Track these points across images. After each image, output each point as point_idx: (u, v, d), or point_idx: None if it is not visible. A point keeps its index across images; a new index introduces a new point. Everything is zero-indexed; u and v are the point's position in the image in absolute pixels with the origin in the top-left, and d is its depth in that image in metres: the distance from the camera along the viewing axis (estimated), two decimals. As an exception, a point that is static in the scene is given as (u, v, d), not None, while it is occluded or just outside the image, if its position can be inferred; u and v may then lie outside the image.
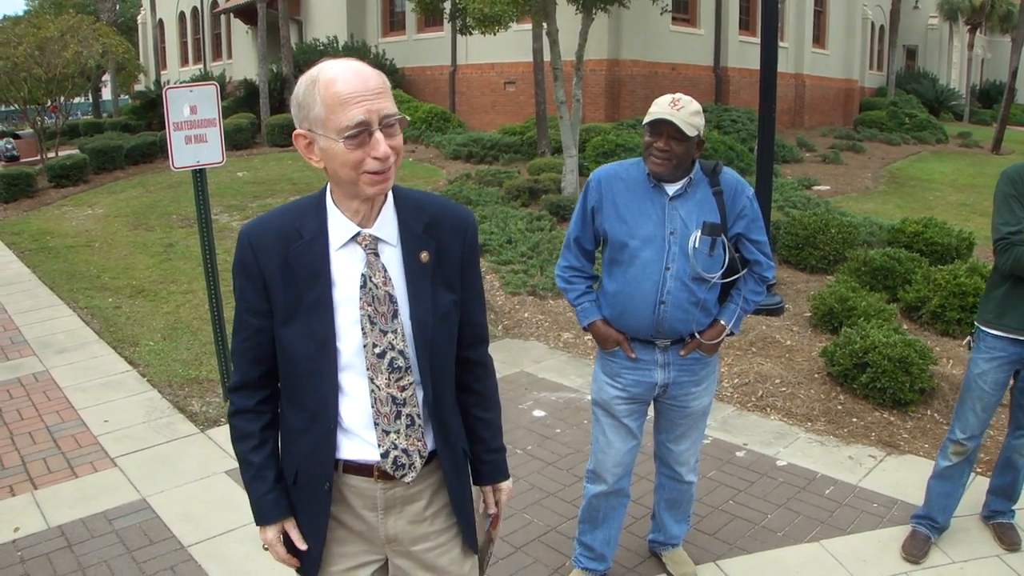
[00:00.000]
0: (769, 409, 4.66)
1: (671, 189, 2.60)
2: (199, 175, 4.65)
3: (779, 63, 6.46)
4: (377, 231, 1.61)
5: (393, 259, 1.62)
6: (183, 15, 29.38)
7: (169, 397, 4.92)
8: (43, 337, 6.07)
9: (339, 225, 1.59)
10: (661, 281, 2.58)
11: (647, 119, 2.52)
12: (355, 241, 1.59)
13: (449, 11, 11.60)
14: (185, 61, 29.43)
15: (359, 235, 1.59)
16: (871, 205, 11.21)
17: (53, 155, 14.18)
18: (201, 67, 26.72)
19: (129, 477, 3.92)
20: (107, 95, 28.63)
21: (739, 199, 2.63)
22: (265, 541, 1.71)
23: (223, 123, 4.64)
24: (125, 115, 22.49)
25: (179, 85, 4.73)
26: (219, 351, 4.83)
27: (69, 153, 14.15)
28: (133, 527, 3.47)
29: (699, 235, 2.55)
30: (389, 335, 1.59)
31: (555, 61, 10.11)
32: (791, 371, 5.10)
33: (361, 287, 1.58)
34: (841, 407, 4.62)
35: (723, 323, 2.70)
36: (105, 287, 7.36)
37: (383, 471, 1.64)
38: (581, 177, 10.07)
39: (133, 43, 27.19)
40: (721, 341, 2.74)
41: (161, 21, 30.95)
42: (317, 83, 1.48)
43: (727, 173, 2.66)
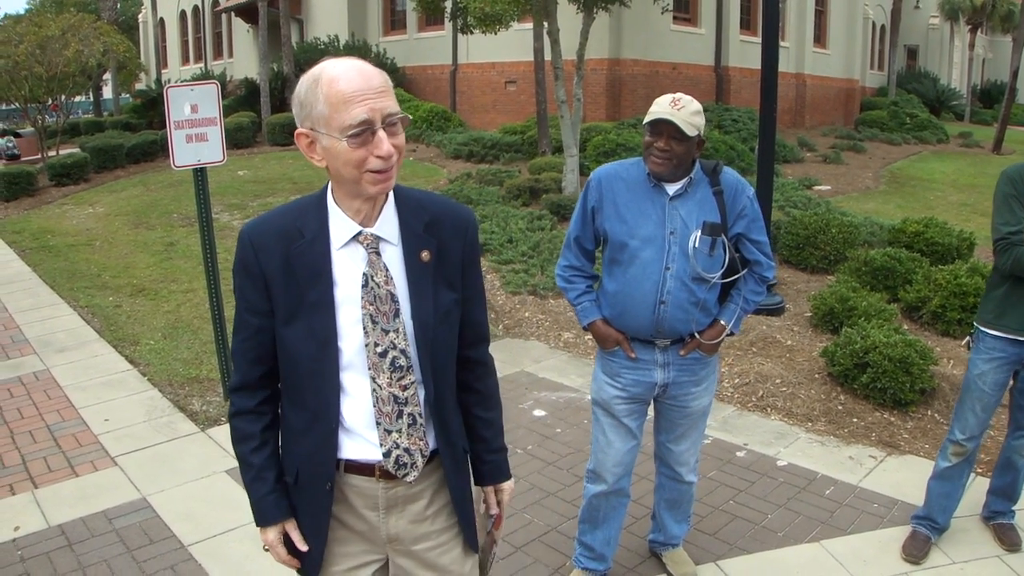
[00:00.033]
0: (769, 409, 4.66)
1: (671, 189, 2.60)
2: (200, 174, 4.65)
3: (780, 63, 6.45)
4: (379, 230, 1.60)
5: (394, 258, 1.61)
6: (184, 14, 29.40)
7: (169, 396, 4.92)
8: (44, 336, 6.07)
9: (341, 224, 1.59)
10: (661, 281, 2.57)
11: (647, 119, 2.52)
12: (357, 240, 1.59)
13: (450, 10, 11.58)
14: (186, 60, 29.45)
15: (361, 234, 1.59)
16: (872, 205, 11.20)
17: (54, 154, 14.17)
18: (202, 66, 26.73)
19: (129, 476, 3.93)
20: (108, 94, 28.66)
21: (739, 199, 2.62)
22: (266, 542, 1.70)
23: (224, 122, 4.64)
24: (126, 114, 22.51)
25: (180, 84, 4.73)
26: (219, 350, 4.83)
27: (70, 152, 14.16)
28: (133, 526, 3.47)
29: (699, 235, 2.55)
30: (391, 334, 1.59)
31: (556, 60, 10.11)
32: (792, 371, 5.10)
33: (363, 286, 1.58)
34: (841, 407, 4.62)
35: (723, 323, 2.70)
36: (106, 286, 7.36)
37: (385, 470, 1.64)
38: (582, 176, 10.06)
39: (134, 42, 27.18)
40: (721, 341, 2.74)
41: (162, 20, 30.97)
42: (320, 82, 1.47)
43: (727, 173, 2.66)
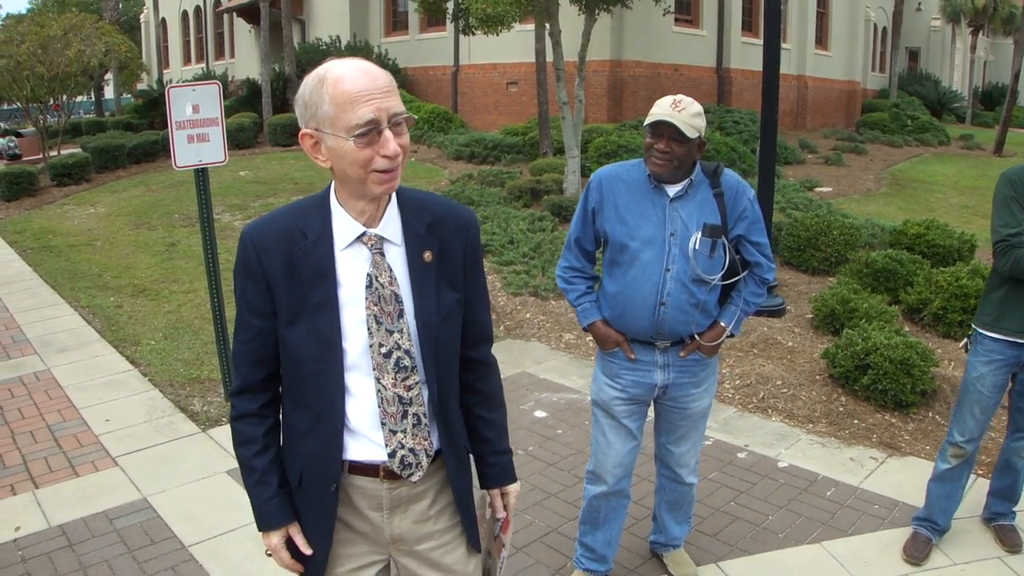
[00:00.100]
0: (770, 410, 4.66)
1: (672, 190, 2.60)
2: (201, 174, 4.66)
3: (781, 64, 6.45)
4: (382, 231, 1.60)
5: (397, 259, 1.62)
6: (186, 14, 29.42)
7: (170, 396, 4.92)
8: (44, 336, 6.08)
9: (344, 225, 1.59)
10: (661, 282, 2.58)
11: (648, 120, 2.53)
12: (360, 241, 1.59)
13: (452, 11, 11.59)
14: (188, 60, 29.47)
15: (365, 235, 1.59)
16: (873, 207, 11.20)
17: (55, 154, 14.19)
18: (204, 66, 26.73)
19: (130, 476, 3.93)
20: (109, 94, 28.67)
21: (740, 201, 2.63)
22: (269, 547, 1.68)
23: (225, 122, 4.65)
24: (127, 114, 22.52)
25: (182, 84, 4.73)
26: (220, 351, 4.83)
27: (71, 152, 14.18)
28: (134, 527, 3.47)
29: (699, 237, 2.55)
30: (395, 335, 1.59)
31: (558, 62, 10.11)
32: (792, 373, 5.09)
33: (367, 287, 1.58)
34: (842, 409, 4.62)
35: (723, 325, 2.70)
36: (107, 286, 7.37)
37: (389, 471, 1.64)
38: (583, 178, 10.06)
39: (136, 42, 27.19)
40: (721, 343, 2.74)
41: (164, 20, 31.01)
42: (325, 82, 1.47)
43: (728, 175, 2.66)
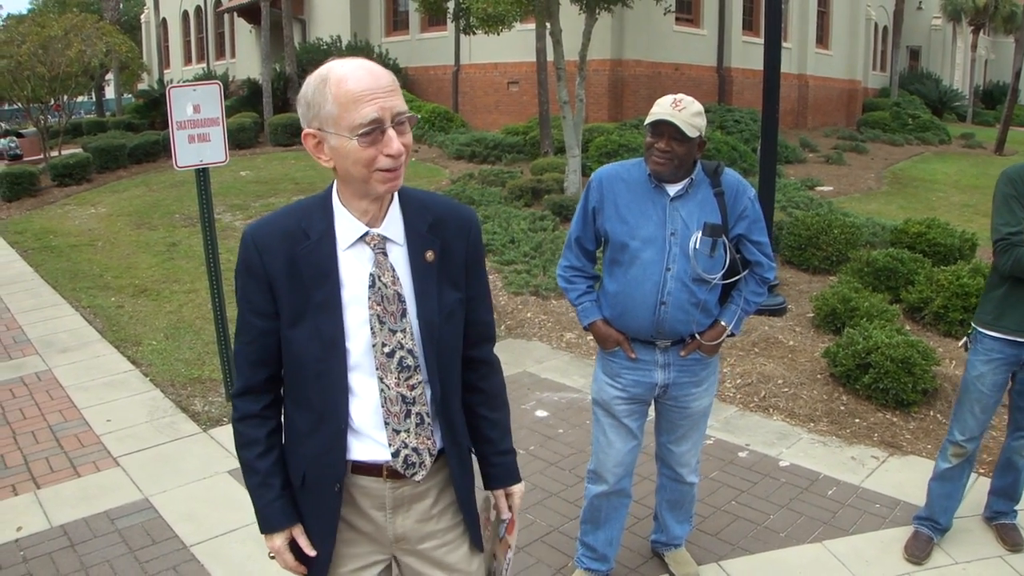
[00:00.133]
0: (772, 410, 4.66)
1: (672, 190, 2.60)
2: (202, 174, 4.66)
3: (782, 63, 6.45)
4: (385, 231, 1.60)
5: (400, 258, 1.62)
6: (186, 14, 29.43)
7: (172, 397, 4.92)
8: (46, 336, 6.08)
9: (347, 225, 1.59)
10: (662, 282, 2.57)
11: (648, 120, 2.53)
12: (363, 241, 1.59)
13: (452, 11, 11.59)
14: (188, 60, 29.48)
15: (368, 235, 1.59)
16: (874, 206, 11.19)
17: (56, 154, 14.20)
18: (204, 66, 26.73)
19: (132, 477, 3.93)
20: (110, 94, 28.68)
21: (740, 200, 2.62)
22: (272, 549, 1.68)
23: (226, 122, 4.65)
24: (128, 114, 22.54)
25: (182, 84, 4.73)
26: (222, 351, 4.83)
27: (72, 152, 14.19)
28: (135, 527, 3.47)
29: (700, 236, 2.55)
30: (398, 334, 1.59)
31: (558, 61, 10.11)
32: (794, 372, 5.09)
33: (370, 287, 1.58)
34: (844, 408, 4.61)
35: (723, 324, 2.70)
36: (108, 286, 7.37)
37: (392, 470, 1.64)
38: (584, 177, 10.05)
39: (136, 42, 27.18)
40: (722, 342, 2.74)
41: (164, 20, 31.01)
42: (328, 81, 1.47)
43: (728, 174, 2.66)
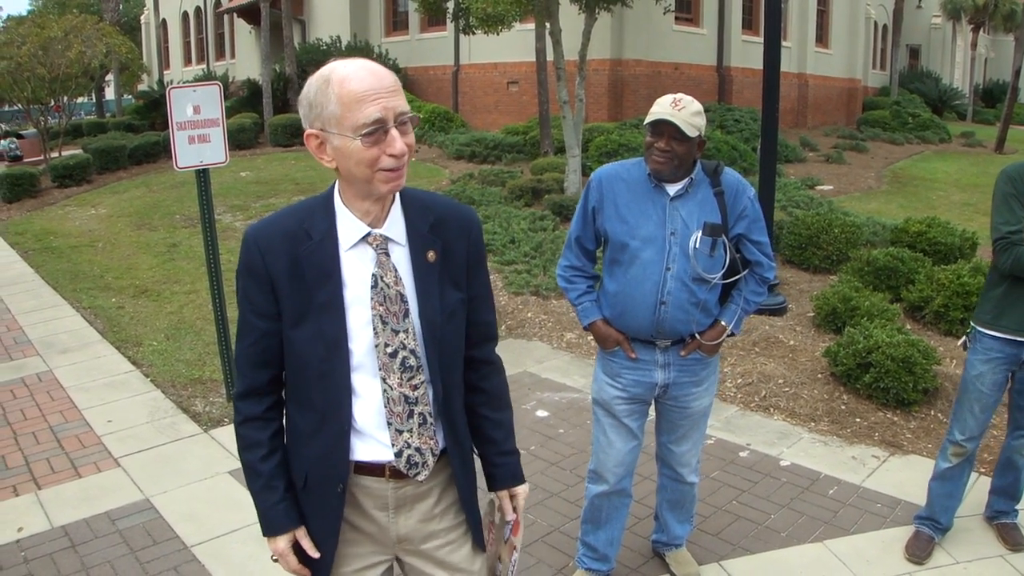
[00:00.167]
0: (772, 409, 4.66)
1: (672, 189, 2.60)
2: (202, 175, 4.66)
3: (782, 62, 6.45)
4: (387, 231, 1.60)
5: (402, 259, 1.62)
6: (186, 15, 29.43)
7: (172, 397, 4.92)
8: (46, 337, 6.08)
9: (349, 225, 1.59)
10: (662, 281, 2.58)
11: (648, 119, 2.53)
12: (366, 241, 1.59)
13: (452, 11, 11.59)
14: (188, 61, 29.49)
15: (370, 235, 1.59)
16: (874, 205, 11.18)
17: (56, 155, 14.21)
18: (204, 67, 26.74)
19: (132, 477, 3.93)
20: (110, 95, 28.70)
21: (740, 199, 2.62)
22: (275, 552, 1.67)
23: (226, 123, 4.65)
24: (128, 115, 22.55)
25: (182, 85, 4.74)
26: (222, 351, 4.84)
27: (72, 153, 14.19)
28: (136, 527, 3.47)
29: (700, 235, 2.55)
30: (401, 335, 1.59)
31: (558, 61, 10.11)
32: (794, 371, 5.09)
33: (372, 287, 1.58)
34: (844, 407, 4.61)
35: (723, 324, 2.70)
36: (108, 287, 7.38)
37: (395, 470, 1.63)
38: (584, 177, 10.05)
39: (136, 43, 27.20)
40: (722, 342, 2.74)
41: (164, 21, 31.01)
42: (331, 82, 1.47)
43: (728, 173, 2.66)
